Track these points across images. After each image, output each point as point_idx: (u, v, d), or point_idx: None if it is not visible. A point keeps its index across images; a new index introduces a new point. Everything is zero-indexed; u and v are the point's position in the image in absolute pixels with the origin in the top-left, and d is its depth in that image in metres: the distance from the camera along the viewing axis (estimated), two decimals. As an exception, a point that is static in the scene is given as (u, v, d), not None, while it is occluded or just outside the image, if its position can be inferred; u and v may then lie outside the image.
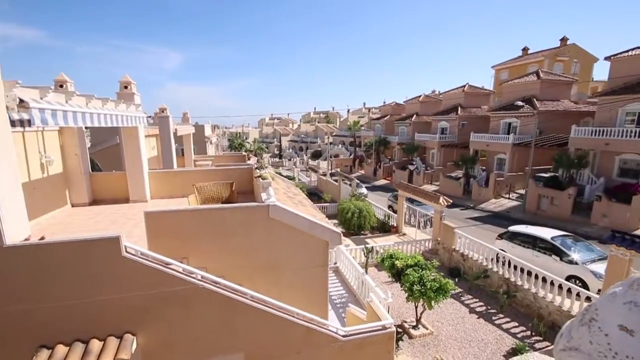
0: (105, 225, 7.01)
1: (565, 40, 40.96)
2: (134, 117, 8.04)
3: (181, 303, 4.40)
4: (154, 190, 9.38)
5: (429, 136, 37.03)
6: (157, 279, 4.23)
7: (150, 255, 4.33)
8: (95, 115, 6.08)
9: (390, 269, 9.76)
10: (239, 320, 4.69)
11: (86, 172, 8.73)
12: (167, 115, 12.13)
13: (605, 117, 21.33)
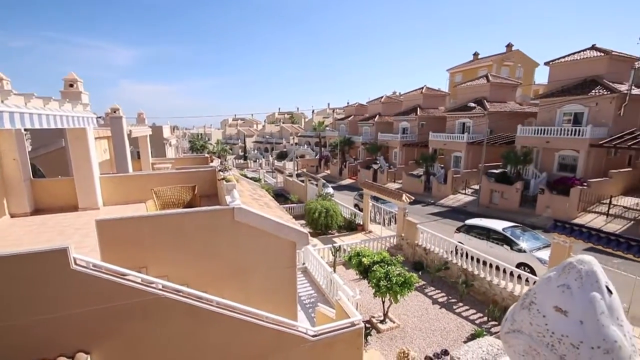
0: (50, 237, 6.40)
1: (511, 47, 44.49)
2: (82, 117, 7.42)
3: (141, 315, 4.14)
4: (107, 196, 8.73)
5: (391, 136, 38.31)
6: (112, 291, 3.94)
7: (104, 267, 4.02)
8: (35, 116, 5.52)
9: (358, 267, 9.94)
10: (205, 328, 4.51)
11: (27, 179, 7.91)
12: (119, 116, 11.36)
13: (545, 118, 23.48)
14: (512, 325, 0.80)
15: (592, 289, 0.68)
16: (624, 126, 20.64)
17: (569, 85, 22.63)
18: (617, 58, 21.98)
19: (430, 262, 12.92)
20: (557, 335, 0.67)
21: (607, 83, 20.69)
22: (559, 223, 8.86)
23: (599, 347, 0.62)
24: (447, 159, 31.27)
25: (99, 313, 3.92)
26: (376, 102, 46.01)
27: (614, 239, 7.67)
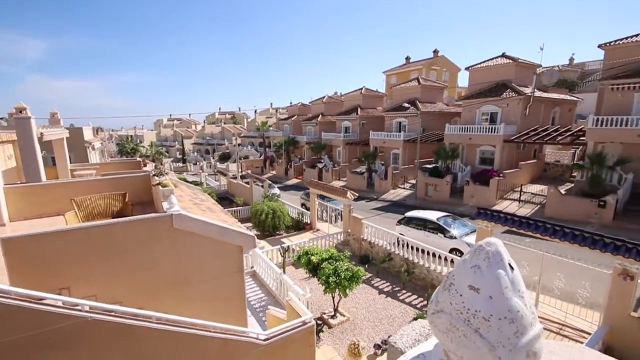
0: (-64, 263, 5.28)
1: (437, 53, 48.72)
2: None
3: (65, 343, 3.64)
4: (15, 210, 7.50)
5: (334, 135, 39.31)
6: (26, 319, 3.41)
7: (12, 292, 3.45)
8: None
9: (307, 265, 10.03)
10: (145, 348, 4.14)
11: None
12: (27, 117, 9.82)
13: (468, 117, 26.23)
14: (436, 306, 0.89)
15: (498, 267, 0.79)
16: (529, 124, 24.01)
17: (485, 88, 25.60)
18: (523, 65, 25.49)
19: (376, 255, 13.57)
20: (472, 311, 0.77)
21: (515, 86, 23.89)
22: (481, 210, 9.97)
23: (505, 318, 0.73)
24: (386, 156, 33.11)
25: (10, 346, 3.36)
26: (318, 102, 46.78)
27: (525, 222, 8.90)
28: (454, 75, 50.94)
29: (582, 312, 8.70)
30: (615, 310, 7.29)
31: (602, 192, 17.00)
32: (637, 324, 6.99)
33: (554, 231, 8.08)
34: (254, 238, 6.03)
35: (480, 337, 0.75)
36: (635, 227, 15.27)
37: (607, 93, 19.21)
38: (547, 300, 9.37)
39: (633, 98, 18.24)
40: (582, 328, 8.37)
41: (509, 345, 0.73)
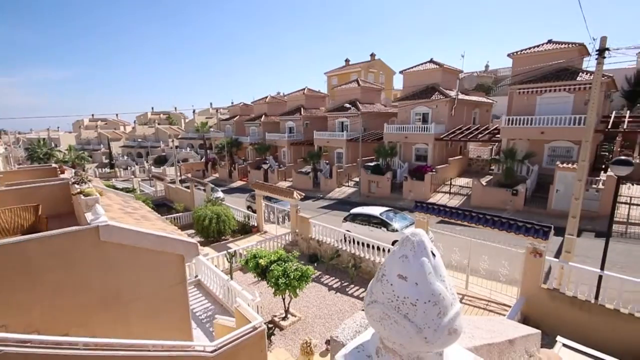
0: None
1: (374, 56, 51.27)
2: None
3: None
4: None
5: (278, 135, 39.02)
6: None
7: None
8: None
9: (255, 269, 9.81)
10: (69, 379, 3.65)
11: None
12: None
13: (403, 117, 28.11)
14: (370, 297, 0.95)
15: (422, 256, 0.88)
16: (455, 123, 26.59)
17: (418, 90, 27.71)
18: (448, 70, 28.10)
19: (324, 253, 13.82)
20: (401, 298, 0.85)
21: (443, 90, 26.26)
22: (418, 204, 10.79)
23: (429, 301, 0.82)
24: (331, 155, 33.90)
25: None
26: (261, 102, 46.01)
27: (455, 212, 9.86)
28: (390, 78, 54.15)
29: (504, 288, 9.91)
30: (529, 283, 8.45)
31: (515, 182, 19.58)
32: (546, 294, 8.20)
33: (477, 219, 9.07)
34: (196, 245, 5.71)
35: (409, 322, 0.82)
36: (541, 211, 17.88)
37: (515, 96, 22.17)
38: (475, 281, 10.48)
39: (536, 101, 21.32)
40: (504, 302, 9.54)
41: (433, 326, 0.81)
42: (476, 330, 1.27)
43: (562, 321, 7.75)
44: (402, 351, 0.88)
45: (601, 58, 8.98)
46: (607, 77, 18.75)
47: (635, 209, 16.75)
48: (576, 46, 21.11)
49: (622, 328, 7.13)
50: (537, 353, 1.91)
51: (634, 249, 13.32)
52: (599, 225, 15.02)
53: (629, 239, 14.39)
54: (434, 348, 0.84)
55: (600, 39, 9.09)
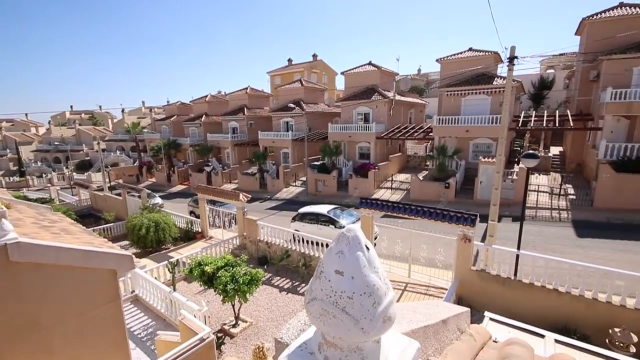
0: None
1: (316, 57, 52.01)
2: None
3: None
4: None
5: (221, 136, 37.49)
6: None
7: None
8: None
9: (201, 277, 9.31)
10: None
11: None
12: None
13: (347, 117, 29.03)
14: (310, 295, 0.99)
15: (357, 250, 0.94)
16: (393, 123, 28.25)
17: (358, 91, 28.85)
18: (385, 72, 29.72)
19: (273, 254, 13.66)
20: (338, 292, 0.89)
21: (381, 91, 27.71)
22: (363, 200, 11.25)
23: (365, 293, 0.88)
24: (277, 156, 33.60)
25: None
26: (201, 101, 43.74)
27: (396, 206, 10.49)
28: (332, 78, 55.48)
29: (441, 273, 10.83)
30: (461, 267, 9.35)
31: (447, 176, 21.51)
32: (476, 275, 9.16)
33: (416, 211, 9.78)
34: (130, 258, 5.22)
35: (346, 315, 0.87)
36: (469, 201, 19.92)
37: (444, 98, 24.35)
38: (417, 269, 11.29)
39: (461, 102, 23.64)
40: (442, 286, 10.43)
41: (369, 316, 0.87)
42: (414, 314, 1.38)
43: (490, 298, 8.74)
44: (342, 344, 0.92)
45: (511, 65, 10.30)
46: (516, 82, 21.59)
47: (542, 195, 19.57)
48: (492, 54, 23.90)
49: (537, 299, 8.28)
50: (468, 329, 2.14)
51: (543, 230, 15.57)
52: (515, 210, 17.22)
53: (539, 221, 16.78)
54: (371, 337, 0.89)
55: (510, 48, 10.42)
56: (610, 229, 14.96)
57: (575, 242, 14.18)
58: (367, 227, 11.27)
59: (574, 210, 17.44)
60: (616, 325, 6.99)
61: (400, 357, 1.00)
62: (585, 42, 22.25)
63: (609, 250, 12.87)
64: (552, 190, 19.77)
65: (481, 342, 2.02)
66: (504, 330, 3.48)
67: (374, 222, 11.57)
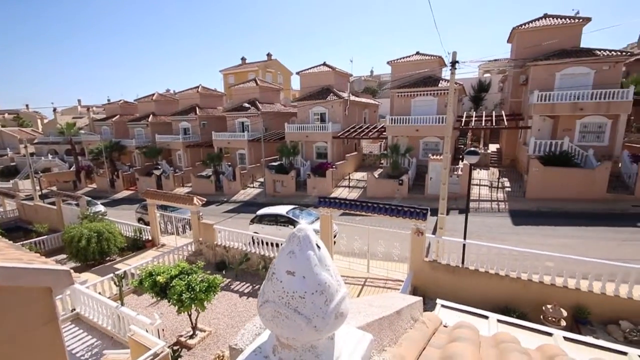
0: None
1: (270, 56, 51.41)
2: None
3: None
4: None
5: (171, 137, 35.45)
6: None
7: None
8: None
9: (153, 288, 8.71)
10: None
11: None
12: None
13: (303, 117, 29.11)
14: (262, 298, 0.98)
15: (308, 249, 0.95)
16: (349, 122, 28.94)
17: (314, 91, 29.08)
18: (339, 73, 30.31)
19: (232, 258, 13.25)
20: (290, 293, 0.90)
21: (336, 91, 28.22)
22: (322, 199, 11.36)
23: (316, 291, 0.90)
24: (233, 157, 32.63)
25: None
26: (147, 100, 40.95)
27: (354, 204, 10.76)
28: (288, 78, 55.26)
29: (398, 266, 11.34)
30: (415, 259, 9.87)
31: (400, 173, 22.56)
32: (428, 266, 9.72)
33: (372, 208, 10.13)
34: (68, 273, 4.72)
35: (299, 315, 0.88)
36: (421, 196, 21.09)
37: (396, 99, 25.50)
38: (375, 264, 11.69)
39: (411, 103, 24.94)
40: (399, 278, 10.92)
41: (321, 314, 0.89)
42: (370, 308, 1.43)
43: (441, 286, 9.34)
44: (296, 344, 0.93)
45: (453, 69, 11.09)
46: (459, 85, 23.32)
47: (483, 189, 21.38)
48: (436, 58, 25.54)
49: (482, 284, 9.02)
50: (421, 317, 2.27)
51: (485, 220, 17.01)
52: (461, 203, 18.59)
53: (482, 212, 18.30)
54: (324, 334, 0.91)
55: (452, 53, 11.22)
56: (541, 217, 16.82)
57: (512, 229, 15.72)
58: (326, 225, 11.41)
59: (510, 201, 19.30)
60: (549, 302, 7.88)
61: (353, 350, 1.03)
62: (515, 49, 24.70)
63: (540, 235, 14.46)
64: (491, 184, 21.69)
65: (433, 328, 2.15)
66: (454, 315, 3.74)
67: (332, 221, 11.74)
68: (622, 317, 7.51)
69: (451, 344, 1.78)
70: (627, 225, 14.68)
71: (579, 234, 14.34)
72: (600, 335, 7.26)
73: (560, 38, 21.58)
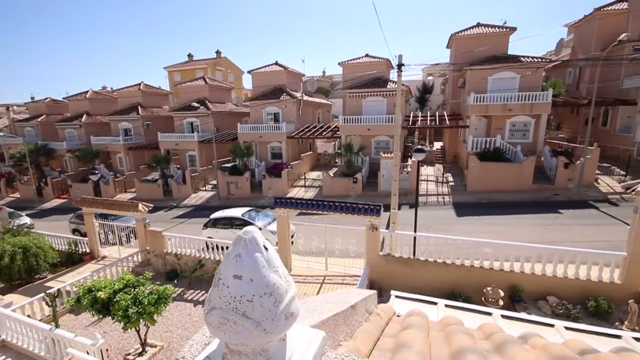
0: None
1: (220, 53, 49.58)
2: None
3: None
4: None
5: (110, 139, 32.53)
6: None
7: None
8: None
9: (93, 305, 7.94)
10: None
11: None
12: None
13: (256, 117, 28.56)
14: (208, 305, 0.95)
15: (255, 251, 0.95)
16: (303, 122, 29.03)
17: (267, 91, 28.68)
18: (292, 73, 30.25)
19: (185, 266, 12.56)
20: (237, 297, 0.89)
21: (290, 91, 28.13)
22: (278, 199, 11.26)
23: (265, 294, 0.89)
24: (182, 159, 30.92)
25: None
26: (80, 99, 37.08)
27: (310, 203, 10.83)
28: (239, 77, 53.77)
29: (355, 262, 11.64)
30: (370, 254, 10.23)
31: (354, 171, 23.19)
32: (383, 260, 10.13)
33: (329, 206, 10.29)
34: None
35: (247, 319, 0.86)
36: (375, 193, 21.91)
37: (348, 99, 26.16)
38: (333, 261, 11.88)
39: (362, 103, 25.76)
40: (356, 274, 11.21)
41: (270, 316, 0.88)
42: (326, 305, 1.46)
43: (396, 278, 9.80)
44: (246, 349, 0.91)
45: (400, 71, 11.69)
46: (405, 86, 24.62)
47: (430, 184, 22.86)
48: (384, 60, 26.69)
49: (431, 273, 9.64)
50: (375, 309, 2.37)
51: (432, 213, 18.20)
52: (411, 198, 19.68)
53: (429, 206, 19.55)
54: (274, 336, 0.91)
55: (398, 56, 11.81)
56: (480, 208, 18.45)
57: (456, 220, 17.03)
58: (283, 226, 11.34)
59: (453, 194, 20.89)
60: (489, 284, 8.68)
61: (306, 349, 1.03)
62: (454, 54, 26.76)
63: (480, 224, 15.86)
64: (437, 179, 23.27)
65: (387, 319, 2.26)
66: (407, 305, 3.95)
67: (290, 221, 11.69)
68: (550, 293, 8.54)
69: (403, 332, 1.89)
70: (550, 212, 16.72)
71: (512, 221, 16.00)
72: (532, 310, 8.19)
73: (491, 45, 23.84)
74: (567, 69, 29.81)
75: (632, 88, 21.49)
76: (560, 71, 30.39)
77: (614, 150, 22.64)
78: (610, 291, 8.12)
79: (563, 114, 28.87)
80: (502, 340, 1.92)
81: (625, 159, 20.69)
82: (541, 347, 1.94)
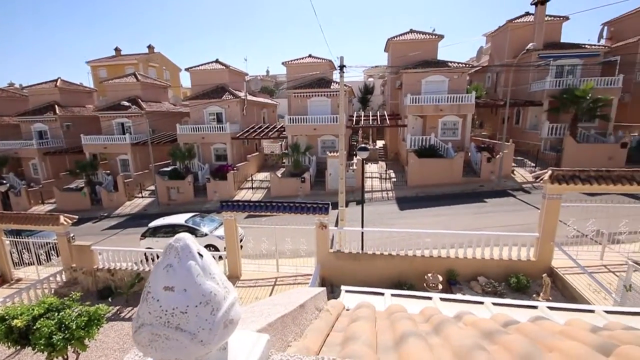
0: None
1: (152, 49, 45.96)
2: None
3: None
4: None
5: (20, 143, 28.22)
6: None
7: None
8: None
9: (8, 336, 6.83)
10: None
11: None
12: None
13: (197, 117, 27.09)
14: (137, 323, 0.88)
15: (189, 259, 0.90)
16: (248, 123, 28.30)
17: (208, 90, 27.37)
18: (234, 72, 29.28)
19: (120, 282, 11.42)
20: (169, 310, 0.84)
21: (232, 90, 27.18)
22: (224, 203, 10.82)
23: (200, 303, 0.85)
24: (112, 164, 28.05)
25: None
26: (-22, 97, 31.44)
27: (257, 205, 10.60)
28: (176, 74, 50.46)
29: (306, 261, 11.69)
30: (321, 252, 10.37)
31: (302, 171, 23.30)
32: (333, 256, 10.34)
33: (277, 207, 10.19)
34: None
35: (181, 332, 0.81)
36: (323, 192, 22.25)
37: (293, 99, 26.15)
38: (284, 262, 11.79)
39: (307, 103, 25.95)
40: (308, 273, 11.28)
41: (208, 326, 0.84)
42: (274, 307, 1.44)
43: (346, 273, 10.07)
44: None
45: (342, 72, 12.03)
46: (348, 87, 25.41)
47: (374, 181, 23.94)
48: (327, 61, 27.23)
49: (379, 265, 10.10)
50: (325, 306, 2.41)
51: (378, 208, 19.09)
52: (357, 195, 20.40)
53: (375, 202, 20.47)
54: (213, 346, 0.86)
55: (340, 58, 12.14)
56: (419, 201, 19.85)
57: (399, 214, 18.11)
58: (230, 230, 10.94)
59: (396, 189, 22.16)
60: (429, 271, 9.38)
61: (249, 355, 1.00)
62: (391, 57, 28.35)
63: (420, 216, 17.08)
64: (380, 176, 24.49)
65: (336, 314, 2.31)
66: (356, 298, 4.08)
67: (237, 225, 11.33)
68: (480, 273, 9.52)
69: (351, 325, 1.95)
70: (477, 202, 18.65)
71: (447, 212, 17.51)
72: (466, 291, 9.05)
73: (423, 50, 25.77)
74: (486, 73, 33.49)
75: (538, 91, 24.93)
76: (480, 76, 34.02)
77: (525, 145, 26.05)
78: (527, 268, 9.34)
79: (484, 114, 32.38)
80: (440, 321, 2.10)
81: (534, 152, 23.94)
82: (472, 323, 2.16)
